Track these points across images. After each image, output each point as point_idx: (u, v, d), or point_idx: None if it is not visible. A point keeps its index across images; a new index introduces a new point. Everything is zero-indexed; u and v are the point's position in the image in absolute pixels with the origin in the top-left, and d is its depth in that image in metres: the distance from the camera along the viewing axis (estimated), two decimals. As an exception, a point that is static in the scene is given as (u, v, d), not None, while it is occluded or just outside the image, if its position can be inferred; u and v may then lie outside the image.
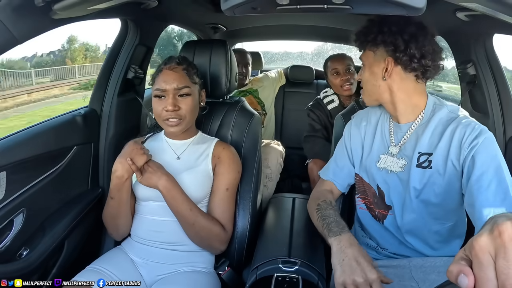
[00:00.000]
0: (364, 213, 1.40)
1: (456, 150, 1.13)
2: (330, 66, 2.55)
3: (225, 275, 1.44)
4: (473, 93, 1.75)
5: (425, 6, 0.94)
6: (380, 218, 1.34)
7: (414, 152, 1.23)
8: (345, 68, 2.48)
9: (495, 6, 0.95)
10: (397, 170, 1.27)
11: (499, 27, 1.42)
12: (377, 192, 1.33)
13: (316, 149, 2.50)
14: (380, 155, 1.32)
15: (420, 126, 1.24)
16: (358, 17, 2.24)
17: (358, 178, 1.40)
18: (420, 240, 1.28)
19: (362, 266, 1.02)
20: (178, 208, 1.32)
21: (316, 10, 1.07)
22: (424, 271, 1.23)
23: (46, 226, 1.45)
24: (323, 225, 1.22)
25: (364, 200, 1.39)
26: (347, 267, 1.02)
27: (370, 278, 0.99)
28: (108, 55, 1.79)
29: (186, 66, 1.43)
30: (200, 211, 1.36)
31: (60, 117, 1.60)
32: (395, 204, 1.28)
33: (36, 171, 1.43)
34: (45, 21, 1.10)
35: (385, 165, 1.30)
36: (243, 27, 2.99)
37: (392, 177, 1.28)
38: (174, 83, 1.36)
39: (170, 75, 1.38)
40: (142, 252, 1.40)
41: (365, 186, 1.38)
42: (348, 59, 2.55)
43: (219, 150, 1.47)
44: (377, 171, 1.32)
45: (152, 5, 1.56)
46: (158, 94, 1.38)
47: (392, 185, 1.28)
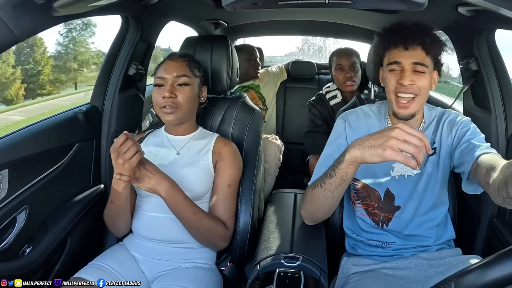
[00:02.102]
0: (364, 219, 1.41)
1: (447, 132, 1.34)
2: (336, 61, 2.51)
3: (227, 271, 1.44)
4: (475, 88, 1.74)
5: (427, 1, 0.94)
6: (384, 222, 1.37)
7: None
8: (350, 65, 2.46)
9: (497, 1, 0.95)
10: (415, 173, 1.35)
11: (501, 22, 1.41)
12: (385, 195, 1.36)
13: (317, 145, 2.46)
14: (392, 165, 1.36)
15: (425, 131, 1.37)
16: (360, 12, 2.24)
17: (360, 184, 1.40)
18: (425, 230, 1.35)
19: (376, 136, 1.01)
20: (182, 213, 1.30)
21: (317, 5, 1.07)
22: (429, 276, 1.26)
23: (49, 223, 1.45)
24: (325, 176, 1.18)
25: (365, 205, 1.40)
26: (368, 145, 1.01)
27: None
28: (109, 51, 1.79)
29: (188, 59, 1.46)
30: (204, 213, 1.35)
31: (62, 114, 1.60)
32: (407, 203, 1.35)
33: (39, 168, 1.43)
34: (46, 18, 1.10)
35: (401, 172, 1.36)
36: (244, 23, 2.98)
37: (407, 180, 1.35)
38: (174, 72, 1.39)
39: (171, 65, 1.42)
40: (143, 248, 1.40)
41: (369, 191, 1.39)
42: (354, 56, 2.51)
43: (219, 146, 1.47)
44: (389, 177, 1.36)
45: (152, 1, 1.56)
46: (158, 82, 1.40)
47: (406, 187, 1.35)
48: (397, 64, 1.25)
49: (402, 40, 1.24)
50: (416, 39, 1.24)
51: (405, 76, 1.22)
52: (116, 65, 1.77)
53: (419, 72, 1.24)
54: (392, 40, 1.27)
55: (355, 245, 1.44)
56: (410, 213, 1.34)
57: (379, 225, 1.38)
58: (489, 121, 1.65)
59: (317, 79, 3.42)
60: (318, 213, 1.30)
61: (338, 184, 1.13)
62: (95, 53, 8.22)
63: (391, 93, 1.27)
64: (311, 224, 1.38)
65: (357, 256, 1.41)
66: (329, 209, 1.27)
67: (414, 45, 1.24)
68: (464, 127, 1.30)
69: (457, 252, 1.37)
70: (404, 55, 1.24)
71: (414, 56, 1.24)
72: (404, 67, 1.24)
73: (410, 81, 1.22)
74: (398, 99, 1.25)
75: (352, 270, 1.34)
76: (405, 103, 1.24)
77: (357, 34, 3.19)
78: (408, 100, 1.24)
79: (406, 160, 0.93)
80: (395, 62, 1.25)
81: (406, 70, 1.23)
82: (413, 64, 1.23)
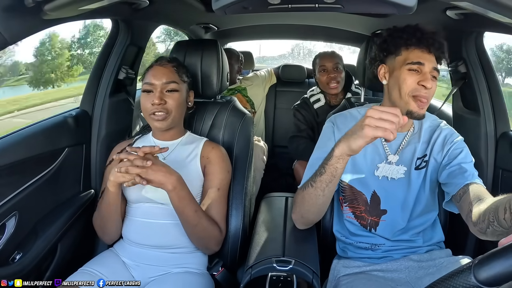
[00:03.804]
0: (352, 222, 1.42)
1: (439, 148, 1.34)
2: (318, 63, 2.54)
3: (219, 275, 1.44)
4: (464, 90, 1.76)
5: (416, 4, 0.95)
6: (372, 226, 1.38)
7: (413, 158, 1.34)
8: (333, 66, 2.47)
9: (485, 5, 0.95)
10: (398, 176, 1.35)
11: (489, 25, 1.42)
12: (371, 199, 1.37)
13: (300, 150, 2.50)
14: (377, 164, 1.36)
15: (414, 135, 1.38)
16: (350, 16, 2.25)
17: (347, 187, 1.40)
18: (413, 235, 1.37)
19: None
20: (184, 209, 1.27)
21: (307, 9, 1.07)
22: (419, 277, 1.27)
23: (39, 229, 1.44)
24: (315, 175, 1.21)
25: (353, 208, 1.41)
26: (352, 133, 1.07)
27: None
28: (99, 55, 1.78)
29: (176, 64, 1.45)
30: (203, 212, 1.35)
31: (51, 119, 1.58)
32: (393, 207, 1.36)
33: (28, 173, 1.42)
34: (36, 21, 1.09)
35: (384, 173, 1.36)
36: (234, 27, 2.99)
37: (391, 183, 1.36)
38: (163, 78, 1.38)
39: (159, 70, 1.40)
40: (133, 254, 1.40)
41: (356, 195, 1.39)
42: (337, 57, 2.53)
43: (208, 150, 1.47)
44: (374, 179, 1.37)
45: (143, 5, 1.56)
46: (146, 88, 1.39)
47: (391, 190, 1.36)
48: (419, 65, 1.23)
49: (429, 43, 1.23)
50: (439, 47, 1.25)
51: (428, 79, 1.21)
52: (106, 69, 1.76)
53: (433, 77, 1.25)
54: (416, 40, 1.25)
55: (345, 247, 1.45)
56: (397, 218, 1.35)
57: (367, 228, 1.38)
58: (478, 123, 1.67)
59: (307, 82, 3.45)
60: (310, 214, 1.30)
61: (329, 181, 1.16)
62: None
63: (405, 94, 1.25)
64: (303, 227, 1.39)
65: (347, 258, 1.42)
66: (321, 209, 1.27)
67: (434, 51, 1.25)
68: (457, 149, 1.30)
69: (447, 253, 1.38)
70: (427, 58, 1.23)
71: (434, 61, 1.25)
72: (424, 69, 1.23)
73: (431, 84, 1.22)
74: (417, 99, 1.24)
75: (343, 272, 1.34)
76: (423, 103, 1.24)
77: (347, 38, 3.22)
78: (425, 103, 1.25)
79: (385, 133, 0.99)
80: (418, 63, 1.23)
81: (426, 72, 1.23)
82: (432, 69, 1.24)
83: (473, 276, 0.54)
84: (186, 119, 1.57)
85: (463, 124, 1.76)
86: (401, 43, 1.28)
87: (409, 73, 1.24)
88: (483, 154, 1.67)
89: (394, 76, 1.29)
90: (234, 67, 2.95)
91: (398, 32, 1.29)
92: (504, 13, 0.95)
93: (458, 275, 0.56)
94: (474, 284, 0.54)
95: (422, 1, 0.97)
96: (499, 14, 0.97)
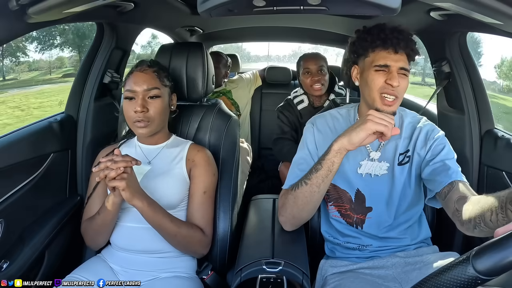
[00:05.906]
0: (339, 220, 1.43)
1: (422, 144, 1.34)
2: (303, 65, 2.54)
3: (209, 279, 1.43)
4: (449, 90, 1.78)
5: (400, 6, 0.95)
6: (358, 224, 1.39)
7: (395, 154, 1.36)
8: (317, 68, 2.48)
9: (468, 6, 0.97)
10: (381, 173, 1.37)
11: (472, 25, 1.44)
12: (355, 197, 1.38)
13: (284, 152, 2.50)
14: (360, 162, 1.37)
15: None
16: (335, 18, 2.27)
17: (330, 186, 1.40)
18: (401, 232, 1.38)
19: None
20: (160, 221, 1.27)
21: (292, 11, 1.07)
22: (406, 272, 1.28)
23: (26, 237, 1.42)
24: (310, 173, 1.24)
25: (338, 207, 1.42)
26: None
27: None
28: (83, 59, 1.77)
29: (156, 68, 1.43)
30: (180, 220, 1.34)
31: (35, 124, 1.56)
32: (378, 204, 1.37)
33: (13, 180, 1.40)
34: (20, 25, 1.07)
35: (367, 171, 1.37)
36: (220, 29, 2.98)
37: (375, 180, 1.36)
38: (144, 85, 1.36)
39: (140, 77, 1.37)
40: (121, 260, 1.38)
41: (340, 193, 1.40)
42: (321, 60, 2.53)
43: (193, 153, 1.46)
44: (357, 177, 1.38)
45: (128, 8, 1.55)
46: (128, 95, 1.37)
47: (375, 187, 1.37)
48: (385, 67, 1.25)
49: (394, 43, 1.24)
50: (407, 45, 1.25)
51: (394, 77, 1.22)
52: (91, 73, 1.75)
53: (403, 74, 1.26)
54: (381, 41, 1.26)
55: (334, 248, 1.46)
56: (383, 215, 1.36)
57: (353, 225, 1.39)
58: (463, 121, 1.69)
59: (292, 84, 3.46)
60: (303, 213, 1.31)
61: (325, 176, 1.20)
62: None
63: (375, 92, 1.26)
64: (292, 229, 1.38)
65: (335, 258, 1.43)
66: (314, 206, 1.28)
67: (402, 50, 1.25)
68: (440, 145, 1.32)
69: (434, 249, 1.39)
70: (393, 59, 1.24)
71: (402, 60, 1.25)
72: (391, 69, 1.24)
73: (398, 82, 1.22)
74: (383, 97, 1.25)
75: (330, 272, 1.35)
76: (391, 101, 1.25)
77: (332, 39, 3.24)
78: (392, 100, 1.25)
79: (385, 128, 1.09)
80: (384, 65, 1.24)
81: (393, 71, 1.24)
82: (399, 69, 1.24)
83: (471, 267, 0.54)
84: (171, 123, 1.56)
85: (448, 122, 1.78)
86: (367, 45, 1.29)
87: (376, 74, 1.26)
88: (468, 152, 1.69)
89: (363, 77, 1.30)
90: (221, 71, 2.96)
91: (365, 34, 1.30)
92: (486, 13, 0.96)
93: (457, 266, 0.56)
94: (473, 275, 0.54)
95: (406, 3, 0.98)
96: (482, 14, 0.99)
